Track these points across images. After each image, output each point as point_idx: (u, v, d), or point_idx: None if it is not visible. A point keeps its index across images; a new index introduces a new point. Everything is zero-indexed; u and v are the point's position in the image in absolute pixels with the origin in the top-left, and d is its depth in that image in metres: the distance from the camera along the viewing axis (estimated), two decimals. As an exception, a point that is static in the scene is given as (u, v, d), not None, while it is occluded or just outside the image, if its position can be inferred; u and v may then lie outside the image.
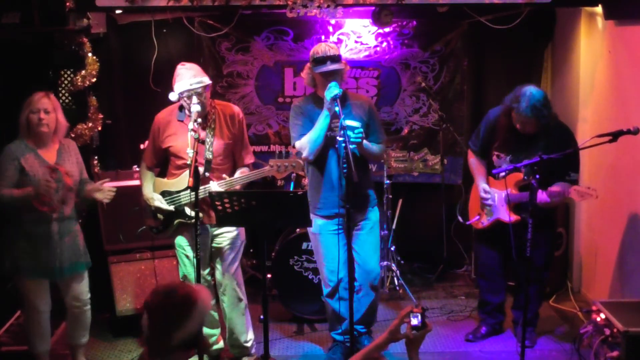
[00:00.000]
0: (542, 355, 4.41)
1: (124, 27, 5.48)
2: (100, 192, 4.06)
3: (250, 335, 4.30)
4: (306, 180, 5.10)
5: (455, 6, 4.90)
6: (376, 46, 5.82)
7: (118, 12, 5.14)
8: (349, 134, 3.80)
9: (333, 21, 5.70)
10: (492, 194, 4.33)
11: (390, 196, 5.51)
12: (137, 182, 4.64)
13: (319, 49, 4.02)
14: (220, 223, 3.91)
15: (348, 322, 3.86)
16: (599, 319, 3.79)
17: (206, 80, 3.97)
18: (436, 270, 5.86)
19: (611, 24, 4.78)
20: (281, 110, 5.92)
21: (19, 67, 4.85)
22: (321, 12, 4.66)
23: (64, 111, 4.05)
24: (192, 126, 3.81)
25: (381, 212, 4.84)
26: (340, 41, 5.76)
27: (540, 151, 3.82)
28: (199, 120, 3.86)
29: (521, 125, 4.13)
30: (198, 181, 3.65)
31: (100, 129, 5.07)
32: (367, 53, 5.82)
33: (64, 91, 4.99)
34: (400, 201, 5.75)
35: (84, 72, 4.92)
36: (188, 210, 4.03)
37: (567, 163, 4.06)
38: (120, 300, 4.77)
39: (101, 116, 5.05)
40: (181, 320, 2.34)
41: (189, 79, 3.89)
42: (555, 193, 4.02)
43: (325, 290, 4.30)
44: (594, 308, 3.89)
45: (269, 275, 4.78)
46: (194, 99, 3.87)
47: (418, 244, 6.07)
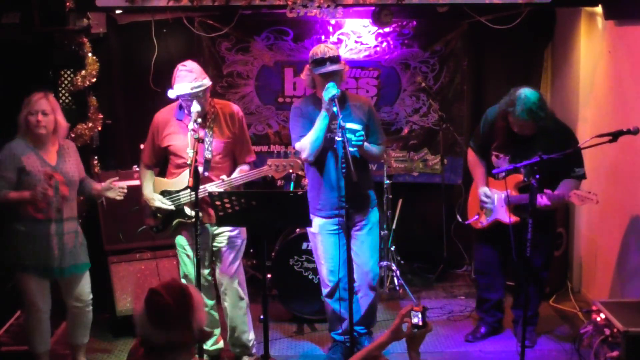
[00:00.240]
0: (542, 355, 4.41)
1: (124, 27, 5.48)
2: (112, 190, 4.06)
3: (252, 334, 4.30)
4: (306, 180, 5.10)
5: (455, 6, 4.90)
6: (376, 46, 5.81)
7: (118, 12, 5.14)
8: (350, 137, 3.80)
9: (333, 21, 5.70)
10: (492, 195, 4.33)
11: (390, 196, 5.51)
12: (137, 182, 4.64)
13: (318, 50, 4.01)
14: (220, 223, 3.91)
15: (348, 322, 3.86)
16: (599, 319, 3.79)
17: (207, 82, 3.96)
18: (436, 270, 5.86)
19: (611, 24, 4.78)
20: (281, 110, 5.91)
21: (19, 67, 4.85)
22: (321, 12, 4.66)
23: (64, 111, 4.05)
24: (192, 126, 3.81)
25: (381, 212, 4.85)
26: (340, 41, 5.75)
27: (539, 151, 3.82)
28: (199, 120, 3.86)
29: (518, 128, 4.13)
30: (198, 181, 3.66)
31: (100, 129, 5.07)
32: (367, 53, 5.81)
33: (64, 91, 4.99)
34: (400, 201, 5.75)
35: (84, 72, 4.92)
36: (187, 209, 4.04)
37: (570, 160, 4.06)
38: (120, 300, 4.77)
39: (101, 116, 5.05)
40: (189, 316, 2.28)
41: (190, 82, 3.88)
42: (555, 197, 4.01)
43: (324, 290, 4.31)
44: (594, 308, 3.89)
45: (269, 275, 4.78)
46: (194, 101, 3.88)
47: (418, 244, 6.07)
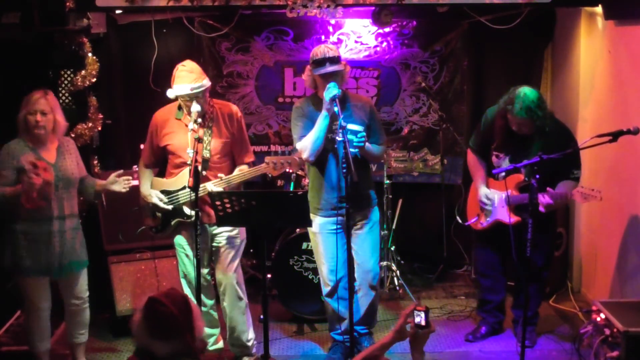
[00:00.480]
0: (542, 355, 4.41)
1: (124, 27, 5.48)
2: (117, 183, 4.05)
3: (251, 334, 4.30)
4: (306, 180, 5.10)
5: (455, 6, 4.90)
6: (376, 46, 5.81)
7: (118, 12, 5.14)
8: (351, 138, 3.80)
9: (333, 21, 5.70)
10: (492, 195, 4.33)
11: (390, 196, 5.51)
12: (137, 182, 4.64)
13: (318, 51, 4.01)
14: (221, 223, 3.91)
15: (348, 322, 3.86)
16: (599, 319, 3.79)
17: (206, 83, 3.97)
18: (436, 270, 5.86)
19: (611, 24, 4.78)
20: (281, 110, 5.91)
21: (19, 67, 4.85)
22: (321, 12, 4.66)
23: (64, 111, 4.05)
24: (192, 126, 3.81)
25: (381, 212, 4.84)
26: (340, 41, 5.75)
27: (539, 151, 3.82)
28: (199, 120, 3.86)
29: (517, 126, 4.13)
30: (198, 181, 3.66)
31: (100, 129, 5.07)
32: (367, 53, 5.81)
33: (64, 91, 4.99)
34: (400, 201, 5.75)
35: (84, 72, 4.92)
36: (186, 209, 4.04)
37: (569, 161, 4.06)
38: (120, 300, 4.77)
39: (101, 116, 5.05)
40: (187, 326, 2.30)
41: (189, 82, 3.88)
42: (558, 195, 4.01)
43: (324, 290, 4.31)
44: (594, 308, 3.89)
45: (269, 275, 4.77)
46: (194, 101, 3.88)
47: (418, 244, 6.07)
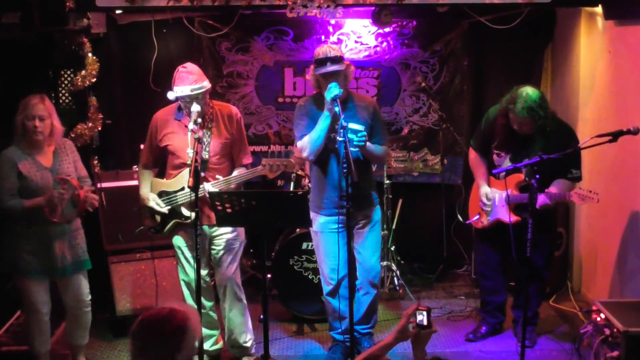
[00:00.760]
0: (542, 355, 4.41)
1: (124, 27, 5.48)
2: (88, 202, 4.03)
3: (250, 335, 4.29)
4: (306, 180, 5.11)
5: (455, 6, 4.91)
6: (376, 46, 5.82)
7: (118, 12, 5.14)
8: (352, 137, 3.80)
9: (333, 21, 5.70)
10: (493, 194, 4.33)
11: (390, 196, 5.51)
12: (137, 182, 4.64)
13: (320, 51, 4.02)
14: (220, 223, 3.91)
15: (348, 322, 3.86)
16: (599, 319, 3.79)
17: (207, 84, 3.97)
18: (436, 270, 5.86)
19: (611, 24, 4.78)
20: (281, 110, 5.91)
21: (19, 67, 4.85)
22: (321, 12, 4.66)
23: (64, 111, 4.07)
24: (192, 127, 3.80)
25: (381, 212, 4.84)
26: (340, 41, 5.75)
27: (540, 151, 3.81)
28: (198, 121, 3.86)
29: (518, 125, 4.13)
30: (198, 182, 3.65)
31: (100, 129, 5.07)
32: (367, 53, 5.82)
33: (64, 91, 5.00)
34: (400, 201, 5.75)
35: (84, 72, 4.92)
36: (185, 210, 4.03)
37: (568, 160, 4.06)
38: (120, 300, 4.76)
39: (101, 116, 5.05)
40: (172, 351, 2.26)
41: (190, 84, 3.88)
42: (555, 196, 4.01)
43: (326, 289, 4.30)
44: (594, 308, 3.89)
45: (269, 275, 4.77)
46: (194, 103, 3.88)
47: (418, 243, 6.07)
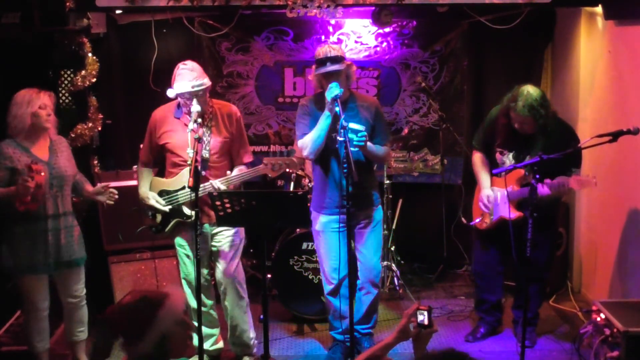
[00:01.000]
0: (542, 355, 4.41)
1: (124, 27, 5.48)
2: (103, 194, 4.04)
3: (253, 333, 4.30)
4: (306, 180, 5.11)
5: (455, 6, 4.91)
6: (376, 46, 5.82)
7: (118, 12, 5.14)
8: (352, 137, 3.80)
9: (333, 21, 5.70)
10: (495, 193, 4.32)
11: (390, 196, 5.51)
12: (136, 182, 4.64)
13: (321, 51, 4.02)
14: (220, 223, 3.91)
15: (348, 322, 3.86)
16: (599, 319, 3.79)
17: (207, 82, 3.97)
18: (436, 270, 5.86)
19: (611, 24, 4.78)
20: (281, 110, 5.92)
21: (19, 67, 4.85)
22: (321, 12, 4.66)
23: (64, 111, 4.06)
24: (192, 126, 3.80)
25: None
26: (340, 41, 5.75)
27: (540, 150, 3.81)
28: (198, 120, 3.86)
29: (519, 124, 4.13)
30: (198, 181, 3.65)
31: (100, 129, 5.07)
32: (367, 53, 5.82)
33: (64, 91, 4.99)
34: (400, 201, 5.75)
35: (84, 72, 4.92)
36: (186, 209, 4.03)
37: (569, 160, 4.06)
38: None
39: (101, 116, 5.05)
40: (142, 327, 2.28)
41: (190, 80, 3.88)
42: (555, 185, 4.00)
43: (327, 288, 4.29)
44: (594, 308, 3.89)
45: (269, 275, 4.77)
46: (194, 100, 3.88)
47: (418, 244, 6.07)
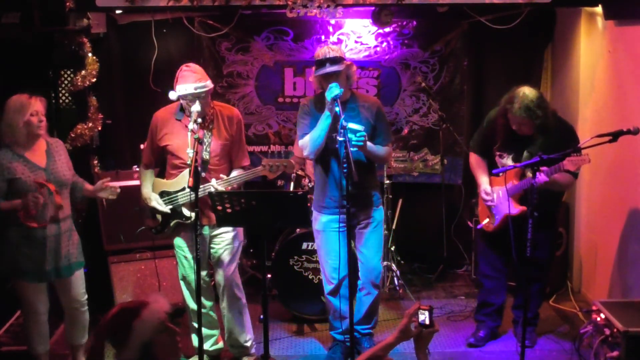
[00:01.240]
0: (542, 355, 4.41)
1: (124, 27, 5.48)
2: (104, 190, 4.03)
3: (250, 335, 4.30)
4: (306, 180, 5.12)
5: (455, 6, 4.91)
6: (376, 46, 5.82)
7: (118, 12, 5.15)
8: (351, 137, 3.80)
9: (333, 21, 5.70)
10: (494, 192, 4.32)
11: (390, 196, 5.51)
12: (137, 182, 4.65)
13: (320, 52, 4.02)
14: (220, 223, 3.91)
15: (348, 322, 3.86)
16: (599, 319, 3.79)
17: (209, 84, 3.97)
18: (436, 270, 5.86)
19: (611, 24, 4.78)
20: (281, 110, 5.92)
21: (19, 67, 4.85)
22: (321, 12, 4.66)
23: (64, 111, 4.06)
24: (192, 127, 3.80)
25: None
26: (340, 41, 5.75)
27: (540, 149, 3.80)
28: (199, 121, 3.86)
29: (517, 126, 4.12)
30: (198, 181, 3.65)
31: (100, 129, 5.07)
32: (367, 53, 5.82)
33: (64, 91, 4.99)
34: (400, 201, 5.75)
35: (84, 72, 4.93)
36: (185, 210, 4.04)
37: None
38: (120, 300, 4.77)
39: (101, 116, 5.06)
40: (120, 338, 2.33)
41: (193, 82, 3.88)
42: (550, 170, 3.93)
43: (327, 288, 4.29)
44: (594, 308, 3.89)
45: (269, 275, 4.78)
46: (196, 102, 3.88)
47: (418, 244, 6.07)
